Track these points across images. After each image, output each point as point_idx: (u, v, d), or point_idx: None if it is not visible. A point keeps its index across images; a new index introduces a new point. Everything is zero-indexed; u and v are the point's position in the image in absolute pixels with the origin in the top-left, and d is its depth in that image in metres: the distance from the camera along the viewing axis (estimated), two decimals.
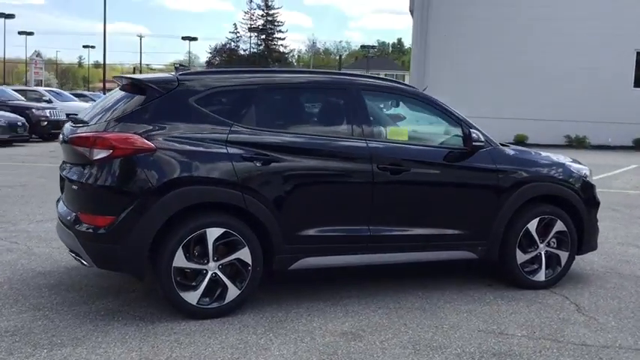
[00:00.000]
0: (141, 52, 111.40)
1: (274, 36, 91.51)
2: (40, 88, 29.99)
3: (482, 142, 5.31)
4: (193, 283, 4.60)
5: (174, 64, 5.62)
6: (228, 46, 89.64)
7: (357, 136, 5.06)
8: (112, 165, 4.46)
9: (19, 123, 19.31)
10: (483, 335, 4.51)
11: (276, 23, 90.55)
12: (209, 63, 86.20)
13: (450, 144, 5.45)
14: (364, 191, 5.03)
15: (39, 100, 24.85)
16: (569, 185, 5.73)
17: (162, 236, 4.49)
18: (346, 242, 5.04)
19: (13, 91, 23.65)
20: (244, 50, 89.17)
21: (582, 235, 5.79)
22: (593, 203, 5.91)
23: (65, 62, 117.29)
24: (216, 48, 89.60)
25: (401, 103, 5.61)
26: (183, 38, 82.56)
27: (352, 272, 5.78)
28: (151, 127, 4.55)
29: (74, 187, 4.69)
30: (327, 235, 4.96)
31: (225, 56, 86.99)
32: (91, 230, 4.51)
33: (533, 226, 5.57)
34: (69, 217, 4.75)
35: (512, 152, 5.65)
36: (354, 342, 4.29)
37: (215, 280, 4.63)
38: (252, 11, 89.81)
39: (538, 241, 5.62)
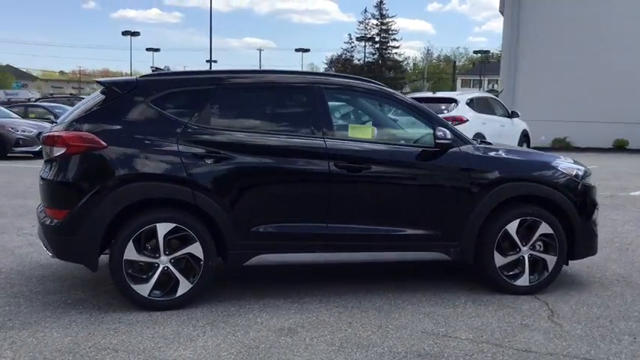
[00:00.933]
0: (260, 64, 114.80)
1: (388, 44, 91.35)
2: None
3: (447, 139, 5.12)
4: (144, 276, 4.78)
5: (152, 67, 5.86)
6: (343, 56, 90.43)
7: (315, 135, 5.05)
8: (67, 161, 4.74)
9: None
10: (423, 337, 4.37)
11: (390, 32, 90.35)
12: None
13: (421, 142, 5.32)
14: (321, 189, 5.02)
15: None
16: (553, 185, 5.42)
17: (114, 230, 4.71)
18: (303, 240, 5.04)
19: None
20: (358, 60, 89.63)
21: (574, 239, 5.46)
22: (587, 205, 5.55)
23: None
24: (332, 59, 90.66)
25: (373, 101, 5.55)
26: (297, 50, 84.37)
27: (336, 271, 5.79)
28: (107, 126, 4.80)
29: (41, 182, 5.02)
30: (283, 232, 4.99)
31: (340, 66, 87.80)
32: (51, 223, 4.81)
33: (513, 227, 5.31)
34: (39, 211, 5.10)
35: (489, 151, 5.43)
36: (284, 337, 4.30)
37: (167, 273, 4.79)
38: (366, 21, 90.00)
39: (520, 244, 5.35)
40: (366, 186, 5.12)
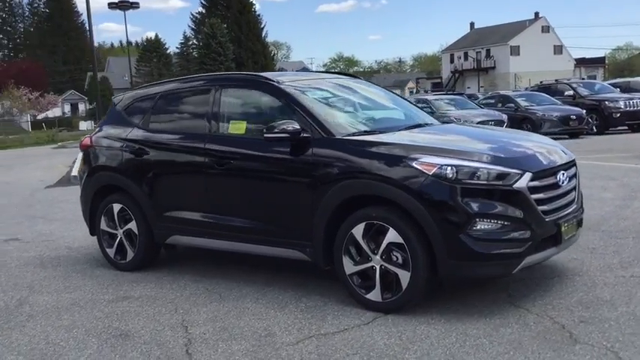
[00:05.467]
0: None
1: None
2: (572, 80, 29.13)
3: (287, 132, 4.81)
4: (111, 243, 6.30)
5: None
6: None
7: (203, 131, 5.56)
8: (83, 155, 6.63)
9: (572, 116, 20.09)
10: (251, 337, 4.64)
11: None
12: None
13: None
14: (201, 181, 5.54)
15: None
16: (399, 184, 4.42)
17: (96, 206, 6.41)
18: (197, 226, 5.64)
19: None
20: None
21: (434, 253, 4.36)
22: (454, 212, 4.28)
23: None
24: None
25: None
26: None
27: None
28: (98, 130, 6.51)
29: None
30: (184, 218, 5.72)
31: None
32: None
33: (359, 232, 4.64)
34: None
35: (348, 144, 4.77)
36: (132, 306, 5.13)
37: (121, 242, 6.20)
38: None
39: (369, 252, 4.63)
40: (229, 180, 5.35)
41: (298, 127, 4.90)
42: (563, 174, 4.76)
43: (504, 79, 73.44)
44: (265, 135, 4.97)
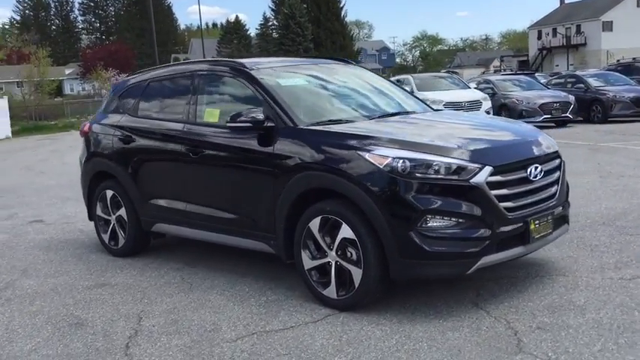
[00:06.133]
0: None
1: None
2: None
3: (249, 122, 4.69)
4: (106, 229, 6.37)
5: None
6: None
7: (182, 120, 5.50)
8: (84, 141, 6.71)
9: None
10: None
11: None
12: None
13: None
14: (180, 170, 5.48)
15: None
16: (349, 177, 4.22)
17: (93, 192, 6.49)
18: (177, 215, 5.61)
19: None
20: None
21: (384, 251, 4.14)
22: (404, 207, 4.04)
23: None
24: None
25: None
26: None
27: None
28: (95, 117, 6.57)
29: None
30: (165, 207, 5.71)
31: None
32: None
33: (315, 226, 4.47)
34: None
35: (309, 134, 4.59)
36: (104, 294, 5.19)
37: (114, 228, 6.27)
38: None
39: (325, 247, 4.46)
40: (203, 169, 5.27)
41: (262, 116, 4.76)
42: (537, 168, 4.41)
43: (595, 56, 69.90)
44: (228, 124, 4.86)
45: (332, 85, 5.58)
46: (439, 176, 4.08)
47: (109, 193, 6.24)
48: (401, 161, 4.09)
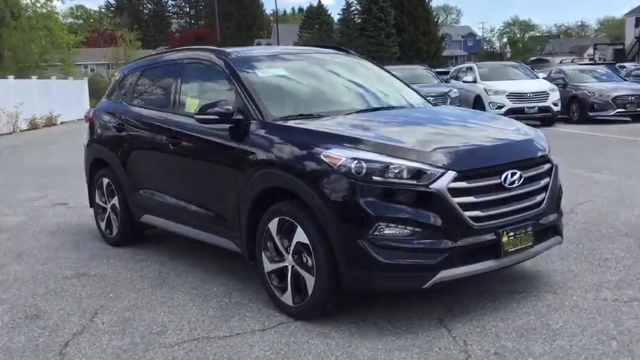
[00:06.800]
0: None
1: None
2: None
3: (216, 114, 4.43)
4: (103, 217, 6.30)
5: None
6: None
7: (166, 109, 5.32)
8: (88, 127, 6.65)
9: None
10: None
11: None
12: None
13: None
14: (161, 161, 5.33)
15: None
16: (302, 176, 3.91)
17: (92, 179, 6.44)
18: (159, 207, 5.46)
19: None
20: None
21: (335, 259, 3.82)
22: (353, 211, 3.70)
23: None
24: None
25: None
26: None
27: None
28: (99, 103, 6.49)
29: None
30: (149, 198, 5.56)
31: None
32: None
33: (274, 227, 4.19)
34: None
35: (274, 128, 4.30)
36: (77, 285, 5.18)
37: (109, 216, 6.19)
38: None
39: (283, 250, 4.17)
40: (181, 161, 5.09)
41: (231, 108, 4.50)
42: (515, 174, 3.95)
43: None
44: (195, 116, 4.64)
45: (318, 77, 5.23)
46: (396, 180, 3.71)
47: (105, 180, 6.16)
48: (355, 162, 3.74)
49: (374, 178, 3.71)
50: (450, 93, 16.52)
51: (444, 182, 3.69)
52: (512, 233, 3.90)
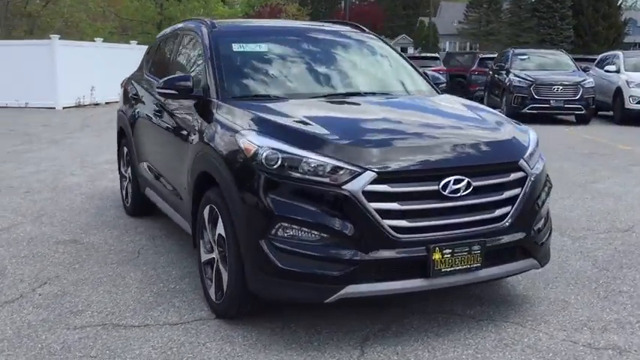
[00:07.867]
0: None
1: None
2: None
3: (175, 89, 4.18)
4: (123, 185, 6.29)
5: None
6: None
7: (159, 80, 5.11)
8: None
9: None
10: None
11: None
12: None
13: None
14: (152, 134, 5.15)
15: None
16: (225, 162, 3.57)
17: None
18: (151, 181, 5.31)
19: None
20: None
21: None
22: (257, 207, 3.28)
23: None
24: None
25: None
26: None
27: None
28: (132, 74, 6.43)
29: None
30: (146, 171, 5.44)
31: None
32: None
33: (206, 215, 3.86)
34: None
35: (218, 109, 3.94)
36: (57, 252, 5.23)
37: (127, 186, 6.17)
38: None
39: (212, 241, 3.83)
40: (162, 135, 4.89)
41: (190, 84, 4.20)
42: (461, 181, 3.30)
43: None
44: (157, 89, 4.40)
45: (302, 57, 4.67)
46: (307, 177, 3.23)
47: (125, 150, 6.15)
48: (267, 152, 3.31)
49: (286, 172, 3.26)
50: (584, 83, 14.93)
51: (360, 184, 3.16)
52: (448, 250, 3.28)
